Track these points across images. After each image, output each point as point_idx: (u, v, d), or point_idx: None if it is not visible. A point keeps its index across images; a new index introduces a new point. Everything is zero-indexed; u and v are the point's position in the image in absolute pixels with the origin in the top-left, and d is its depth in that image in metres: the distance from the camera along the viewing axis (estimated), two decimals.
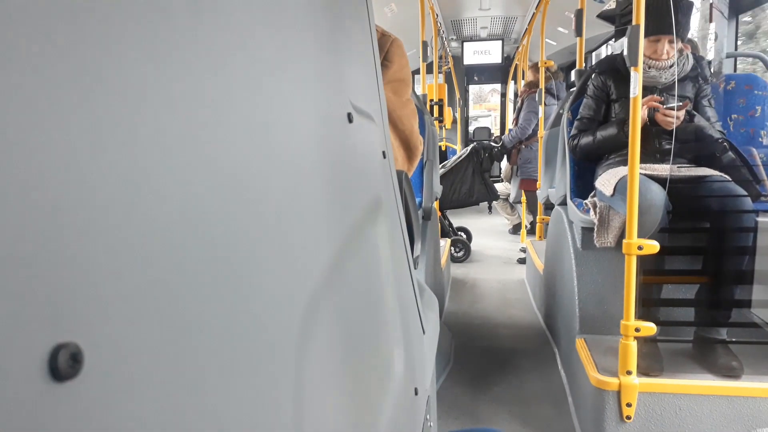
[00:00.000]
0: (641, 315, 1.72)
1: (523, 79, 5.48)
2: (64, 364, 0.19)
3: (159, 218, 0.24)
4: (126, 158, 0.23)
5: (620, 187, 1.89)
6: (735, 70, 3.01)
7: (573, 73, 2.98)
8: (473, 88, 10.15)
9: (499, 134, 8.16)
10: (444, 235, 4.61)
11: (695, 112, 2.10)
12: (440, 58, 6.37)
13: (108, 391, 0.21)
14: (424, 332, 0.91)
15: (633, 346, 1.67)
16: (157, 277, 0.24)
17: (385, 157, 0.74)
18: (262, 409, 0.33)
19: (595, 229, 2.02)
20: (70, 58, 0.20)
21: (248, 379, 0.31)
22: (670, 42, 2.05)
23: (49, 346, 0.18)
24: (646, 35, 2.04)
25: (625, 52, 1.63)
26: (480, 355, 2.65)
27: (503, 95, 9.38)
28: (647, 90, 2.07)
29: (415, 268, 0.95)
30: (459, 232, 4.91)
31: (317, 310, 0.42)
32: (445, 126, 5.70)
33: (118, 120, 0.22)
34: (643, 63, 2.07)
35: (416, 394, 0.76)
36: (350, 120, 0.55)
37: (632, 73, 1.62)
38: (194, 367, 0.26)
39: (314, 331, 0.42)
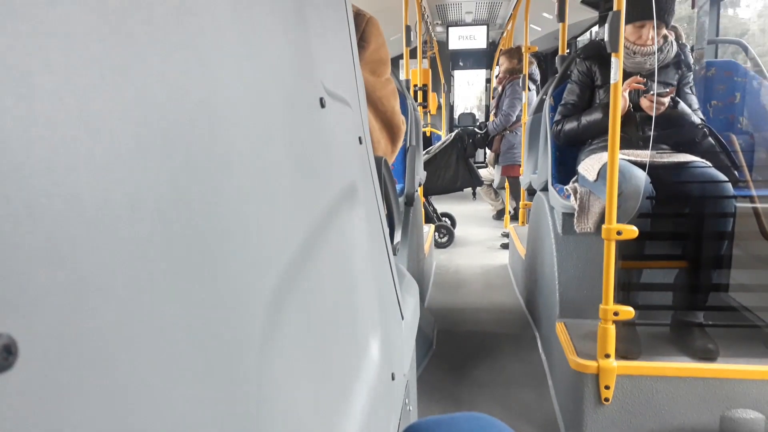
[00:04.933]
0: (620, 299, 1.74)
1: None
2: None
3: (110, 201, 0.23)
4: (75, 144, 0.22)
5: (604, 173, 1.90)
6: (716, 56, 3.03)
7: (557, 59, 2.98)
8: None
9: (483, 120, 8.16)
10: (428, 220, 4.62)
11: (679, 99, 2.11)
12: (425, 43, 6.33)
13: (45, 384, 0.20)
14: (402, 317, 0.91)
15: (612, 329, 1.69)
16: (104, 262, 0.23)
17: (361, 143, 0.73)
18: (228, 396, 0.32)
19: (576, 215, 2.04)
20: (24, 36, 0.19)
21: (213, 367, 0.31)
22: (655, 27, 2.05)
23: None
24: (632, 20, 2.04)
25: (606, 38, 1.63)
26: (462, 340, 2.67)
27: (488, 80, 9.36)
28: (631, 76, 2.08)
29: (394, 254, 0.95)
30: (443, 218, 4.92)
31: (286, 296, 0.41)
32: (429, 111, 5.69)
33: (69, 107, 0.22)
34: (628, 49, 2.08)
35: (393, 379, 0.76)
36: (323, 105, 0.55)
37: (613, 59, 1.62)
38: (146, 359, 0.25)
39: (284, 318, 0.41)
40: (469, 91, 11.69)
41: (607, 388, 1.73)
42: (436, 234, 4.65)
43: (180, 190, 0.29)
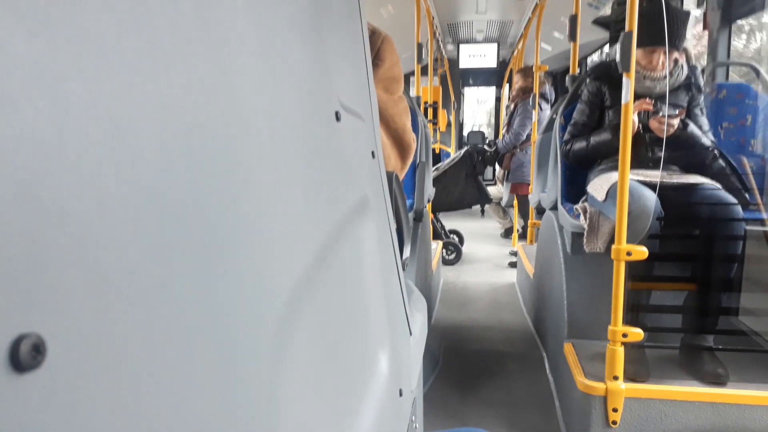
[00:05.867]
0: (629, 321, 1.72)
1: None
2: (26, 356, 0.18)
3: (134, 206, 0.24)
4: (103, 148, 0.22)
5: (613, 192, 1.90)
6: (727, 78, 3.03)
7: (567, 78, 2.99)
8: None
9: (493, 138, 8.17)
10: (436, 237, 4.62)
11: (689, 121, 2.11)
12: (435, 60, 6.37)
13: (72, 382, 0.20)
14: (411, 333, 0.90)
15: (620, 351, 1.67)
16: (128, 268, 0.23)
17: (374, 157, 0.74)
18: (238, 407, 0.32)
19: (585, 235, 2.03)
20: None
21: (223, 377, 0.31)
22: (666, 53, 2.06)
23: (10, 337, 0.18)
24: (643, 45, 2.04)
25: (618, 59, 1.63)
26: (469, 358, 2.65)
27: (498, 99, 9.39)
28: (641, 98, 2.08)
29: (403, 270, 0.95)
30: (451, 235, 4.91)
31: (297, 308, 0.41)
32: (439, 129, 5.71)
33: (98, 112, 0.22)
34: (638, 73, 2.08)
35: (401, 395, 0.76)
36: (338, 118, 0.55)
37: (624, 79, 1.63)
38: (164, 363, 0.26)
39: (294, 330, 0.41)
40: (479, 108, 11.74)
41: (615, 410, 1.71)
42: (444, 251, 4.64)
43: (197, 198, 0.29)
